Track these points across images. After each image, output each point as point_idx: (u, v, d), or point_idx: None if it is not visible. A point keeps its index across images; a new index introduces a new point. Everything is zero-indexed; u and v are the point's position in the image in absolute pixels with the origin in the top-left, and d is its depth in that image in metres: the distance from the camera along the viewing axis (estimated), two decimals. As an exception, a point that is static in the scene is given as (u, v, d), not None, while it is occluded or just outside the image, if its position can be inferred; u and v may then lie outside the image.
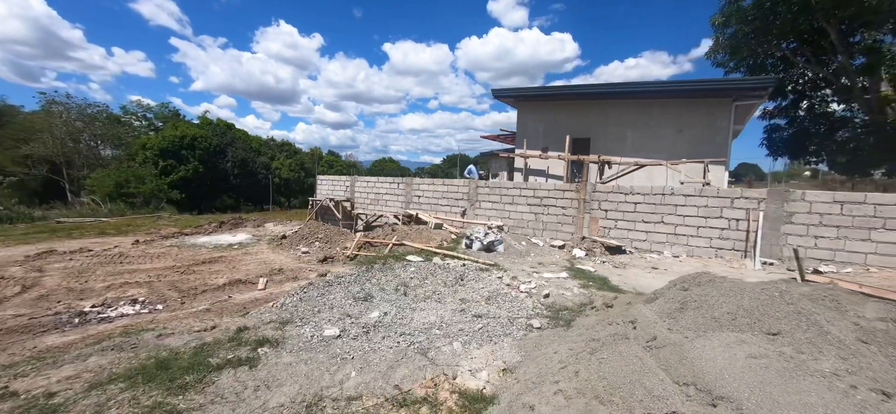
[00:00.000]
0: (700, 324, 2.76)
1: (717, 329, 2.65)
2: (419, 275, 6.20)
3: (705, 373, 2.25)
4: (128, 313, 5.27)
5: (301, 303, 4.72)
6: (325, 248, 9.98)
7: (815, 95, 17.76)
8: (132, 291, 6.27)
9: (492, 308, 4.96)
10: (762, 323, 2.61)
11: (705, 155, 11.42)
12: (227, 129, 34.71)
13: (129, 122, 33.99)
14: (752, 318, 2.67)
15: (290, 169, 38.00)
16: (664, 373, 2.45)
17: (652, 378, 2.36)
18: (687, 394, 2.20)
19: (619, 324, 3.19)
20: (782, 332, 2.52)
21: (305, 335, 3.78)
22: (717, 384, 2.13)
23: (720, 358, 2.31)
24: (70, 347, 3.90)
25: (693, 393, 2.18)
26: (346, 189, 16.28)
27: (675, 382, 2.33)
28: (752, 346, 2.38)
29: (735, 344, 2.43)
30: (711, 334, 2.58)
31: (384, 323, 4.23)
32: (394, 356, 3.53)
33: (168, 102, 37.86)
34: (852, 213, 8.32)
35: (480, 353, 3.81)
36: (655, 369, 2.47)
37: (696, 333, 2.65)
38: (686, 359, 2.40)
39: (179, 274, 7.40)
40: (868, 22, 13.45)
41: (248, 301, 5.85)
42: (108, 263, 7.92)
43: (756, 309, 2.72)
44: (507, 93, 14.32)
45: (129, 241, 10.64)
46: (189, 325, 4.87)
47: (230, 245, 10.82)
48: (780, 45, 16.21)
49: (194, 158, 28.06)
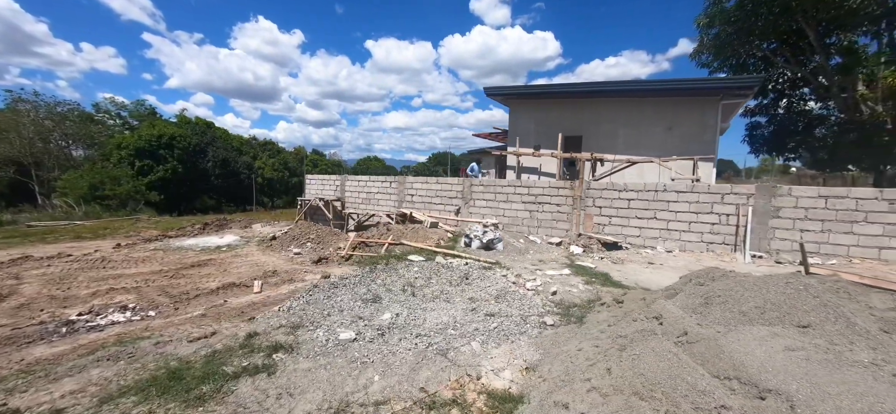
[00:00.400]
0: (728, 318, 2.77)
1: (746, 323, 2.66)
2: (424, 275, 6.10)
3: (746, 366, 2.24)
4: (119, 321, 5.00)
5: (309, 306, 4.55)
6: (317, 248, 9.76)
7: (793, 94, 18.48)
8: (120, 298, 5.96)
9: (503, 307, 4.90)
10: (791, 316, 2.63)
11: (694, 152, 11.67)
12: (207, 128, 33.69)
13: (102, 120, 32.54)
14: (780, 311, 2.69)
15: (274, 168, 37.17)
16: (701, 367, 2.43)
17: (692, 373, 2.33)
18: (730, 388, 2.18)
19: (644, 320, 3.17)
20: (812, 324, 2.54)
21: (320, 339, 3.63)
22: (761, 377, 2.12)
23: (759, 351, 2.30)
24: (61, 359, 3.65)
25: (737, 387, 2.17)
26: (336, 188, 15.99)
27: (714, 377, 2.31)
28: (786, 338, 2.39)
29: (769, 337, 2.43)
30: (743, 328, 2.58)
31: (397, 325, 4.12)
32: (414, 358, 3.42)
33: (144, 100, 36.37)
34: (836, 207, 8.62)
35: (499, 352, 3.75)
36: (692, 364, 2.45)
37: (726, 328, 2.65)
38: (723, 353, 2.38)
39: (168, 278, 7.11)
40: (845, 24, 14.05)
41: (244, 305, 5.64)
42: (90, 268, 7.53)
43: (783, 302, 2.74)
44: (499, 91, 14.32)
45: (109, 244, 10.17)
46: (187, 331, 4.64)
47: (218, 247, 10.48)
48: (760, 45, 16.78)
49: (173, 158, 27.12)
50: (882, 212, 8.27)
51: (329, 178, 16.81)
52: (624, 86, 13.13)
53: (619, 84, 13.15)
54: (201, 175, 29.81)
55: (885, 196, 8.27)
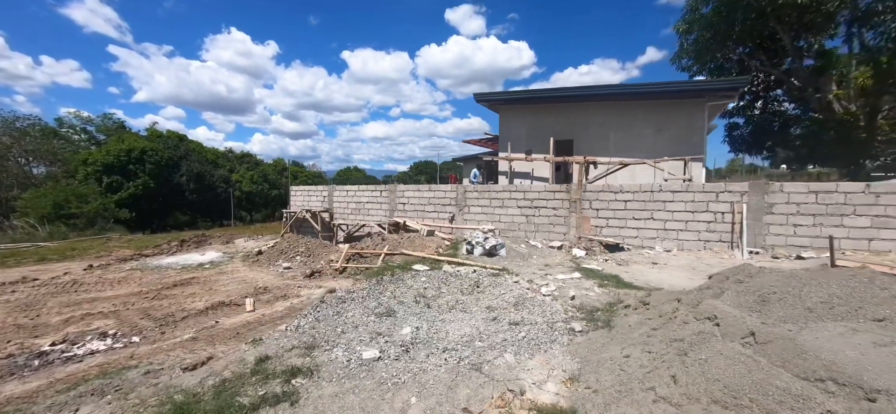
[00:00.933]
0: (794, 315, 2.60)
1: (815, 320, 2.50)
2: (433, 284, 5.78)
3: (838, 365, 2.05)
4: (99, 349, 4.48)
5: (319, 323, 4.15)
6: (308, 262, 9.31)
7: (768, 96, 19.26)
8: (97, 324, 5.41)
9: (524, 314, 4.64)
10: (863, 310, 2.49)
11: (684, 153, 11.83)
12: (180, 142, 32.30)
13: (67, 135, 30.70)
14: (849, 306, 2.55)
15: (253, 181, 35.91)
16: (783, 370, 2.23)
17: (777, 376, 2.13)
18: (827, 390, 1.98)
19: (695, 321, 2.97)
20: (887, 318, 2.40)
21: (340, 360, 3.26)
22: (863, 377, 1.93)
23: (848, 349, 2.13)
24: (37, 396, 3.16)
25: (834, 388, 1.97)
26: (324, 199, 15.45)
27: (804, 379, 2.11)
28: (869, 334, 2.23)
29: (849, 333, 2.27)
30: (817, 325, 2.41)
31: (420, 339, 3.79)
32: (448, 376, 3.11)
33: (111, 114, 34.53)
34: (826, 201, 8.82)
35: (535, 363, 3.48)
36: (772, 367, 2.25)
37: (797, 325, 2.48)
38: (806, 353, 2.19)
39: (149, 300, 6.55)
40: (818, 28, 14.74)
41: (239, 325, 5.20)
42: (60, 292, 6.86)
43: (851, 296, 2.60)
44: (489, 97, 14.23)
45: (79, 266, 9.39)
46: (179, 357, 4.19)
47: (200, 265, 9.86)
48: (735, 49, 17.44)
49: (144, 173, 25.79)
50: (869, 204, 8.50)
51: (316, 188, 16.25)
52: (613, 89, 13.26)
53: (608, 88, 13.28)
54: (175, 190, 28.48)
55: (872, 190, 8.51)
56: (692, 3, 17.16)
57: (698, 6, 16.83)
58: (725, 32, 16.18)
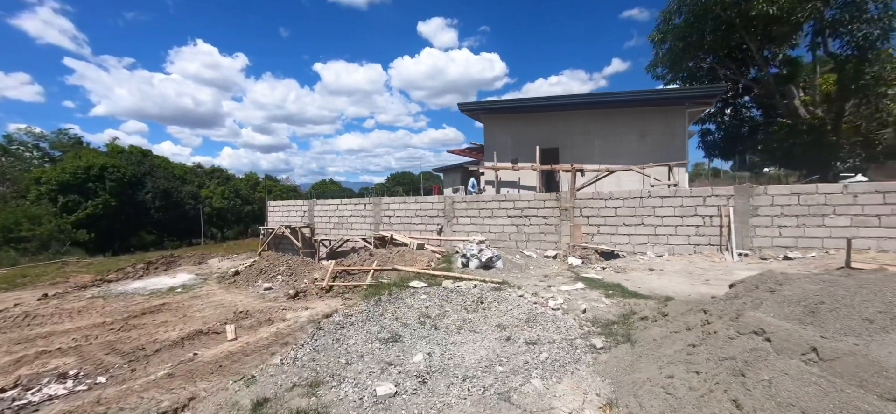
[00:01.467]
0: (853, 328, 2.44)
1: (880, 331, 2.34)
2: (434, 302, 5.42)
3: (926, 385, 1.87)
4: (58, 394, 3.90)
5: (318, 354, 3.71)
6: (291, 281, 8.77)
7: (737, 103, 20.14)
8: (55, 362, 4.77)
9: (539, 332, 4.35)
10: (925, 318, 2.35)
11: (666, 158, 12.01)
12: (144, 157, 30.63)
13: (17, 153, 28.48)
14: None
15: (224, 197, 34.40)
16: (861, 389, 2.03)
17: (862, 399, 1.92)
18: (923, 415, 1.79)
19: (740, 336, 2.76)
20: (951, 325, 2.26)
21: (351, 398, 2.85)
22: (962, 399, 1.76)
23: (931, 365, 1.96)
24: (-21, 466, 2.60)
25: (930, 413, 1.78)
26: (304, 214, 14.79)
27: (890, 401, 1.91)
28: (944, 345, 2.08)
29: (922, 345, 2.11)
30: (883, 337, 2.25)
31: (435, 367, 3.43)
32: (475, 410, 2.77)
33: (66, 129, 32.34)
34: (808, 203, 9.05)
35: (564, 387, 3.19)
36: (848, 387, 2.04)
37: (861, 339, 2.31)
38: (885, 370, 2.01)
39: (115, 332, 5.91)
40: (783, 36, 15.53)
41: (221, 356, 4.70)
42: (9, 327, 6.09)
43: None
44: (473, 107, 14.10)
45: (32, 295, 8.48)
46: (154, 400, 3.68)
47: (171, 289, 9.14)
48: (706, 58, 18.18)
49: (105, 191, 24.18)
50: (848, 204, 8.76)
51: (295, 203, 15.57)
52: (595, 98, 13.43)
53: (591, 96, 13.44)
54: (139, 208, 26.85)
55: (849, 190, 8.80)
56: (665, 15, 17.82)
57: (671, 17, 17.49)
58: (697, 42, 16.85)
